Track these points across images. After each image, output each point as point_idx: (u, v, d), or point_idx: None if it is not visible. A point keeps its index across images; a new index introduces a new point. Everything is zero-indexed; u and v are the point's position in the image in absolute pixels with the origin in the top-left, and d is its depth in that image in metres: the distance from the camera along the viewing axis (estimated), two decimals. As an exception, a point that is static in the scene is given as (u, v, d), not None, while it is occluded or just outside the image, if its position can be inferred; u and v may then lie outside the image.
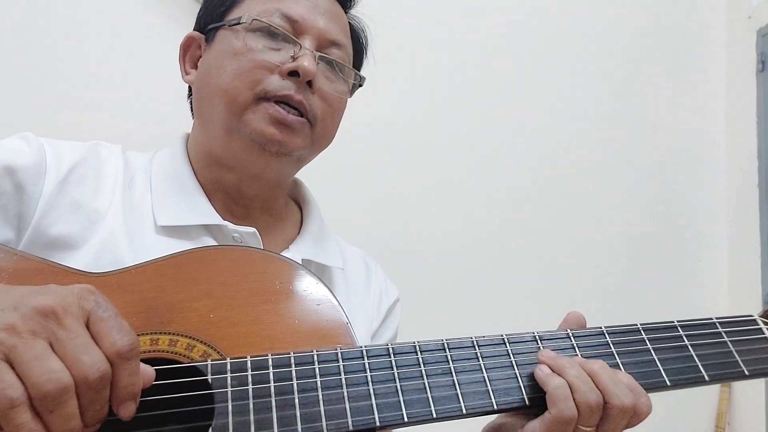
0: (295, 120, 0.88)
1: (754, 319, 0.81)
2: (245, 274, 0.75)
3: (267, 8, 0.90)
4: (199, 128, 0.95)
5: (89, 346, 0.53)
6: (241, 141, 0.88)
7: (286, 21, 0.89)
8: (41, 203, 0.79)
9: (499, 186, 2.14)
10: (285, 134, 0.87)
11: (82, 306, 0.55)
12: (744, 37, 2.34)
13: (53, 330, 0.52)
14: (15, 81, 1.67)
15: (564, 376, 0.69)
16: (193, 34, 0.97)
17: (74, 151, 0.86)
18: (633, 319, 0.80)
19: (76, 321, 0.54)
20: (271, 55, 0.88)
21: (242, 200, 0.94)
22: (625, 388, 0.69)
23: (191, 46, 0.97)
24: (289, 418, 0.63)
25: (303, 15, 0.90)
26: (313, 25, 0.90)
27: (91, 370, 0.52)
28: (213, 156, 0.92)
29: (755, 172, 2.27)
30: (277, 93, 0.86)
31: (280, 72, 0.87)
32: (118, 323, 0.56)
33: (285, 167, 0.94)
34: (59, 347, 0.52)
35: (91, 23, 1.74)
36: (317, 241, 0.98)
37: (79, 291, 0.56)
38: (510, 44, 2.20)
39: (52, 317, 0.53)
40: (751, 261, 2.23)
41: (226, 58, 0.89)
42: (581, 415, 0.67)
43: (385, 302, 1.04)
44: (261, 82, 0.86)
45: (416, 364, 0.69)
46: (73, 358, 0.52)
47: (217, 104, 0.88)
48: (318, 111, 0.90)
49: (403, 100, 2.03)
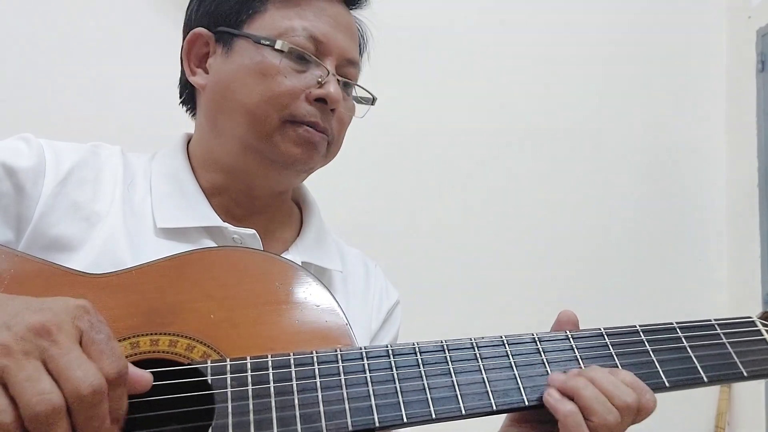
0: (320, 138, 0.89)
1: (753, 321, 0.81)
2: (245, 275, 0.75)
3: (293, 26, 0.89)
4: (209, 134, 0.94)
5: (82, 361, 0.53)
6: (261, 159, 0.89)
7: (311, 42, 0.89)
8: (41, 204, 0.79)
9: (498, 187, 2.15)
10: (309, 153, 0.89)
11: (76, 325, 0.54)
12: (744, 37, 2.35)
13: (45, 348, 0.52)
14: (15, 81, 1.67)
15: (578, 399, 0.69)
16: (201, 31, 0.93)
17: (74, 152, 0.86)
18: (633, 319, 0.80)
19: (69, 338, 0.53)
20: (299, 80, 0.87)
21: (246, 202, 0.94)
22: (626, 387, 0.70)
23: (197, 42, 0.94)
24: (288, 418, 0.63)
25: (327, 35, 0.90)
26: (335, 45, 0.90)
27: (84, 384, 0.51)
28: (220, 164, 0.92)
29: (755, 172, 2.27)
30: (305, 119, 0.87)
31: (306, 97, 0.87)
32: (110, 347, 0.55)
33: (298, 179, 0.98)
34: (52, 364, 0.51)
35: (91, 23, 1.75)
36: (317, 244, 0.99)
37: (74, 309, 0.55)
38: (510, 44, 2.20)
39: (45, 335, 0.52)
40: (751, 261, 2.23)
41: (253, 77, 0.87)
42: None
43: (385, 304, 1.04)
44: (289, 107, 0.87)
45: (415, 365, 0.70)
46: (66, 375, 0.51)
47: (241, 123, 0.88)
48: (336, 131, 0.93)
49: (402, 101, 2.03)
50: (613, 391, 0.69)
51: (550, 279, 2.14)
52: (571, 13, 2.26)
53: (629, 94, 2.31)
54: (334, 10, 0.92)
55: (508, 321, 1.95)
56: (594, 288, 2.18)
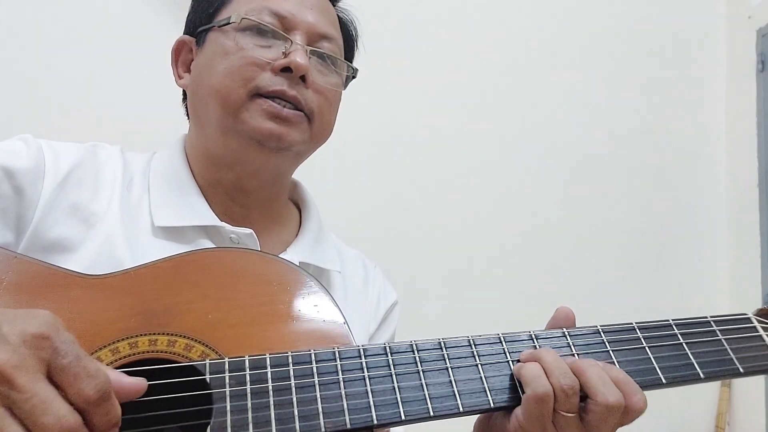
0: (291, 113, 0.88)
1: (749, 318, 0.81)
2: (243, 275, 0.75)
3: (255, 6, 0.90)
4: (196, 130, 0.95)
5: (48, 403, 0.49)
6: (239, 139, 0.88)
7: (275, 18, 0.89)
8: (40, 206, 0.79)
9: (497, 186, 2.15)
10: (283, 128, 0.87)
11: (39, 357, 0.50)
12: (744, 37, 2.35)
13: (7, 395, 0.47)
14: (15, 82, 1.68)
15: (539, 362, 0.70)
16: (183, 38, 0.97)
17: (73, 153, 0.86)
18: (633, 318, 0.80)
19: (31, 378, 0.48)
20: (262, 52, 0.88)
21: (242, 199, 0.94)
22: (612, 386, 0.69)
23: (182, 50, 0.98)
24: (287, 416, 0.63)
25: (291, 11, 0.90)
26: (302, 20, 0.90)
27: (54, 428, 0.48)
28: (211, 156, 0.93)
29: (755, 172, 2.27)
30: (270, 89, 0.86)
31: (272, 69, 0.87)
32: (83, 368, 0.51)
33: (284, 162, 0.94)
34: (18, 412, 0.48)
35: (91, 24, 1.75)
36: (315, 244, 0.99)
37: (32, 339, 0.50)
38: (510, 45, 2.20)
39: (3, 380, 0.47)
40: (751, 261, 2.23)
41: (217, 59, 0.89)
42: (557, 398, 0.67)
43: (383, 305, 1.04)
44: (253, 80, 0.86)
45: (413, 363, 0.70)
46: (33, 421, 0.48)
47: (212, 105, 0.88)
48: (314, 105, 0.91)
49: (401, 100, 2.04)
50: (599, 387, 0.68)
51: (549, 277, 2.14)
52: (571, 13, 2.26)
53: (629, 94, 2.31)
54: None
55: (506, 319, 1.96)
56: (594, 288, 2.18)
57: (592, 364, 0.71)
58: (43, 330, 0.50)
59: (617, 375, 0.71)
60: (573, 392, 0.68)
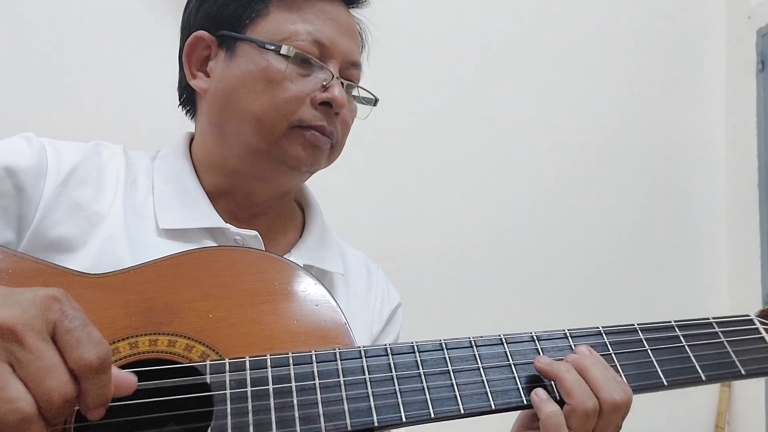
0: (326, 142, 0.90)
1: (751, 319, 0.81)
2: (244, 274, 0.75)
3: (297, 30, 0.88)
4: (213, 138, 0.93)
5: (53, 367, 0.50)
6: (269, 161, 0.89)
7: (315, 46, 0.88)
8: (42, 205, 0.79)
9: (498, 187, 2.15)
10: (315, 156, 0.90)
11: (46, 318, 0.51)
12: (744, 37, 2.34)
13: (13, 351, 0.49)
14: (16, 81, 1.67)
15: (559, 382, 0.70)
16: (201, 34, 0.92)
17: (75, 151, 0.85)
18: (633, 319, 0.80)
19: (39, 339, 0.50)
20: (304, 84, 0.87)
21: (248, 205, 0.94)
22: (615, 384, 0.70)
23: (198, 45, 0.93)
24: (288, 419, 0.63)
25: (331, 39, 0.89)
26: (339, 49, 0.90)
27: (56, 393, 0.50)
28: (226, 167, 0.92)
29: (755, 172, 2.27)
30: (312, 123, 0.87)
31: (311, 101, 0.87)
32: (87, 333, 0.52)
33: (302, 180, 0.98)
34: (21, 370, 0.49)
35: (92, 23, 1.75)
36: (319, 246, 0.98)
37: (42, 300, 0.52)
38: (510, 45, 2.20)
39: (12, 337, 0.49)
40: (751, 261, 2.23)
41: (259, 83, 0.87)
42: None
43: (387, 307, 1.04)
44: (296, 113, 0.87)
45: (414, 365, 0.70)
46: (37, 382, 0.49)
47: (247, 129, 0.87)
48: (340, 134, 0.93)
49: (404, 102, 2.03)
50: (603, 384, 0.69)
51: (549, 278, 2.14)
52: (571, 14, 2.26)
53: (629, 94, 2.31)
54: (336, 11, 0.92)
55: (507, 320, 1.96)
56: (593, 288, 2.17)
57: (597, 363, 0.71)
58: (53, 293, 0.53)
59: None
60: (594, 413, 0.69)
